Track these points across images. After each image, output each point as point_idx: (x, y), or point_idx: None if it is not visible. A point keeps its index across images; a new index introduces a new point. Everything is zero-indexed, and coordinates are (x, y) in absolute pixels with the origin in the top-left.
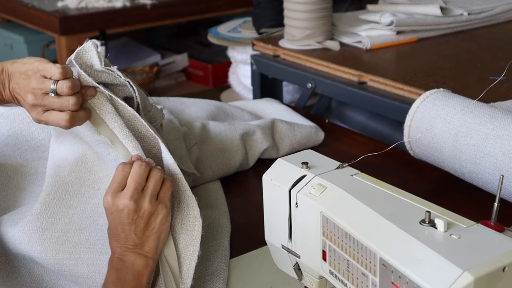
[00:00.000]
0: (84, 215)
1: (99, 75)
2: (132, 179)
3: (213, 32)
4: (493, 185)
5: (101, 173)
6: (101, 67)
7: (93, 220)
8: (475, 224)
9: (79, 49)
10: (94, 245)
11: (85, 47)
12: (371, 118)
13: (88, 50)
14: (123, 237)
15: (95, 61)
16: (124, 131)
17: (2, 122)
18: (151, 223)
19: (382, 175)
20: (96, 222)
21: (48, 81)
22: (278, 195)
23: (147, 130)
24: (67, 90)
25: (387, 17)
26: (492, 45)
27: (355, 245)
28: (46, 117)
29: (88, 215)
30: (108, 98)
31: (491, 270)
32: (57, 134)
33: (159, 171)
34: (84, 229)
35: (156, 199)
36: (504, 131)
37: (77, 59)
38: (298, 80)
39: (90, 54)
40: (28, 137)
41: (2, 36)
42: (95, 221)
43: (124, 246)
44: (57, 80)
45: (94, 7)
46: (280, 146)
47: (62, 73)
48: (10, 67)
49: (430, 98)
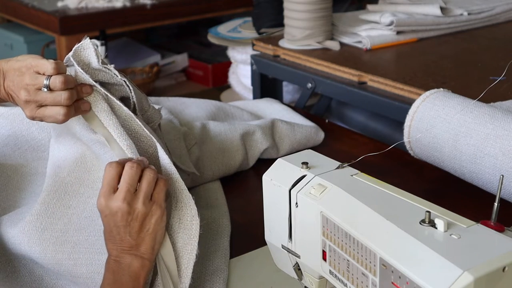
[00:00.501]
0: (83, 215)
1: (96, 73)
2: (124, 181)
3: (213, 32)
4: (493, 185)
5: (99, 173)
6: (98, 65)
7: (92, 220)
8: (475, 224)
9: (77, 46)
10: (93, 246)
11: (83, 45)
12: (371, 118)
13: (86, 48)
14: (118, 239)
15: (93, 59)
16: (118, 129)
17: (2, 122)
18: (146, 224)
19: (382, 175)
20: (95, 222)
21: (41, 76)
22: (278, 195)
23: (143, 130)
24: (59, 85)
25: (387, 17)
26: (492, 45)
27: (355, 245)
28: (41, 113)
29: (87, 215)
30: (104, 97)
31: (491, 270)
32: (57, 134)
33: (152, 172)
34: (83, 229)
35: (150, 200)
36: (504, 131)
37: (75, 56)
38: (298, 80)
39: (88, 51)
40: (28, 137)
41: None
42: (94, 221)
43: (120, 248)
44: (50, 75)
45: (94, 7)
46: (280, 146)
47: (55, 68)
48: (4, 65)
49: (430, 98)
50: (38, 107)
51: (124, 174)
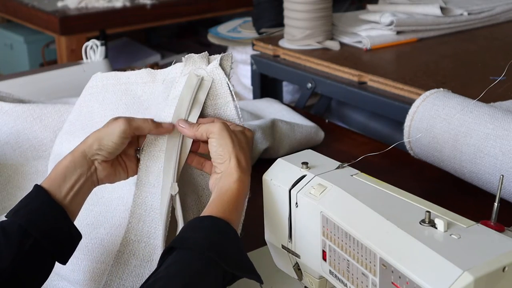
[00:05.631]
0: (85, 222)
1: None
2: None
3: (213, 32)
4: (493, 185)
5: None
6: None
7: (94, 228)
8: (475, 224)
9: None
10: (92, 253)
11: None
12: (371, 118)
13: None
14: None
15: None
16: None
17: (6, 120)
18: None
19: (382, 175)
20: (96, 230)
21: None
22: (278, 195)
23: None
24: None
25: (387, 17)
26: (492, 45)
27: (355, 245)
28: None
29: (89, 222)
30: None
31: (491, 270)
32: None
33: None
34: (83, 235)
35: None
36: (504, 131)
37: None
38: (298, 80)
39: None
40: (30, 135)
41: (2, 36)
42: (96, 229)
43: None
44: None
45: (94, 7)
46: (280, 146)
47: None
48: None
49: (430, 98)
50: None
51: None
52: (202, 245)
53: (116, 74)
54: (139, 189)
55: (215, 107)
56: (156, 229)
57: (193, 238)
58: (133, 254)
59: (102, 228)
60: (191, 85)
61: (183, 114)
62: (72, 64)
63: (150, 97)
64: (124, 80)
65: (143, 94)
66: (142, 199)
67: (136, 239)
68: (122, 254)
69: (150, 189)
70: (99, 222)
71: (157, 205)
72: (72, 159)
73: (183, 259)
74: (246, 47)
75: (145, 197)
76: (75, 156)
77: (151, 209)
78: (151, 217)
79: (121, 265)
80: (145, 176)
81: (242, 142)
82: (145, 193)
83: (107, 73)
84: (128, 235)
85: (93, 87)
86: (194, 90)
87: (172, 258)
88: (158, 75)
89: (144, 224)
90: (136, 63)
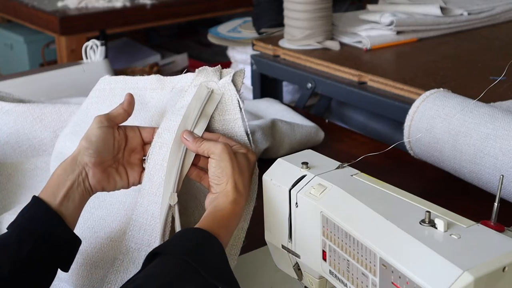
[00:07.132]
0: (86, 225)
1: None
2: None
3: (213, 32)
4: (493, 185)
5: None
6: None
7: (94, 232)
8: (475, 224)
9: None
10: (91, 257)
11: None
12: (371, 118)
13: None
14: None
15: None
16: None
17: (6, 119)
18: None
19: (382, 175)
20: (97, 234)
21: None
22: (278, 195)
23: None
24: None
25: (387, 17)
26: (492, 45)
27: (355, 245)
28: None
29: (90, 225)
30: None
31: (491, 270)
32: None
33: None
34: (83, 239)
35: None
36: (504, 131)
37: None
38: (298, 80)
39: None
40: (30, 135)
41: (2, 36)
42: (96, 233)
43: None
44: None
45: (94, 7)
46: (280, 146)
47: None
48: None
49: (430, 98)
50: None
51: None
52: (182, 251)
53: (125, 78)
54: (142, 198)
55: (223, 122)
56: (156, 238)
57: (175, 245)
58: (132, 263)
59: (102, 232)
60: (201, 97)
61: (190, 124)
62: (72, 64)
63: (157, 104)
64: (132, 85)
65: (151, 100)
66: (144, 207)
67: (136, 248)
68: (122, 262)
69: (152, 198)
70: (100, 226)
71: (158, 214)
72: (64, 166)
73: (163, 264)
74: (246, 47)
75: (147, 206)
76: (67, 162)
77: (152, 218)
78: (152, 226)
79: (121, 273)
80: (148, 185)
81: (242, 166)
82: (148, 201)
83: (115, 77)
84: (129, 243)
85: (101, 90)
86: (203, 102)
87: (153, 263)
88: (167, 82)
89: (145, 233)
90: (136, 63)
